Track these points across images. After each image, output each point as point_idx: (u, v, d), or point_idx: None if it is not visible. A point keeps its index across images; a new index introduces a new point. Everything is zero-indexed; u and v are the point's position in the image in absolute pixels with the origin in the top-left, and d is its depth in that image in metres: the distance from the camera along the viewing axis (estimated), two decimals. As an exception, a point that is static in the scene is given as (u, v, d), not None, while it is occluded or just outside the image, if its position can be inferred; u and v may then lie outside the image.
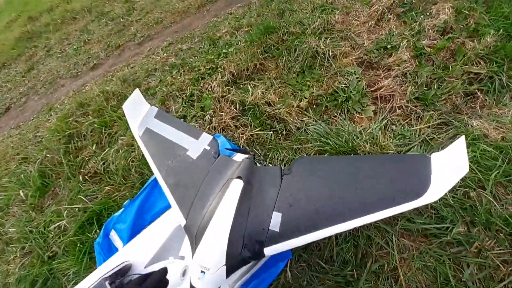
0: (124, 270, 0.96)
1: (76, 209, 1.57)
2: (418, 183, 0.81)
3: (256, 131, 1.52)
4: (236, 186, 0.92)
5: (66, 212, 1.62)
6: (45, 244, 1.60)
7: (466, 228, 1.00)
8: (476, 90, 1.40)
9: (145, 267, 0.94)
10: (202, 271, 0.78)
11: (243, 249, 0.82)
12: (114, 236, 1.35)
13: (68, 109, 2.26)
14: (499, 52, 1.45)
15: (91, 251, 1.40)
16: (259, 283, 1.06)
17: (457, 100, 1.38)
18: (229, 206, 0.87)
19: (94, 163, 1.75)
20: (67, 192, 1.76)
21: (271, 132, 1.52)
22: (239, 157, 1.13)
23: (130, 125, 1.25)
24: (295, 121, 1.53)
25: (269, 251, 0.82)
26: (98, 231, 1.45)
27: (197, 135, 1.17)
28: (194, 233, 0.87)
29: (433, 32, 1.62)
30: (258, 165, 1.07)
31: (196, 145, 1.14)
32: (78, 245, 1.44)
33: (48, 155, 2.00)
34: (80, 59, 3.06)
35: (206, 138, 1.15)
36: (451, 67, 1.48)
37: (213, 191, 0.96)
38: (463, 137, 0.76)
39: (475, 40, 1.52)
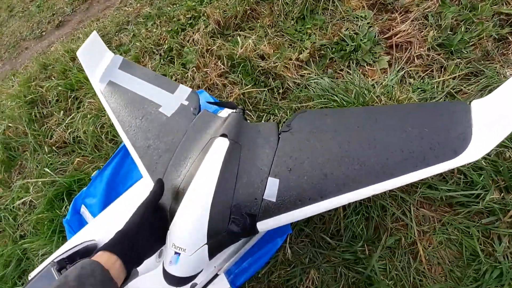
0: (87, 251, 0.79)
1: (41, 183, 1.37)
2: (455, 138, 0.62)
3: (248, 89, 1.28)
4: (220, 146, 0.71)
5: (32, 187, 1.44)
6: (15, 223, 1.46)
7: (500, 194, 0.83)
8: (507, 34, 1.17)
9: None
10: (176, 253, 0.60)
11: (230, 224, 0.64)
12: (85, 212, 1.18)
13: (30, 73, 1.95)
14: (530, -11, 1.19)
15: (62, 229, 1.24)
16: (254, 261, 0.90)
17: (488, 45, 1.14)
18: (211, 170, 0.67)
19: (61, 131, 1.52)
20: (35, 166, 1.56)
21: (266, 90, 1.28)
22: (225, 113, 0.91)
23: (89, 77, 1.00)
24: (294, 76, 1.29)
25: (263, 226, 0.64)
26: (68, 207, 1.27)
27: (172, 89, 0.94)
28: (168, 205, 0.68)
29: (461, -36, 1.33)
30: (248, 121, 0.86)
31: (171, 100, 0.91)
32: (47, 223, 1.27)
33: (10, 124, 1.76)
34: (44, 16, 2.64)
35: (183, 92, 0.92)
36: (480, 7, 1.22)
37: (192, 153, 0.75)
38: None
39: (509, -26, 1.24)
